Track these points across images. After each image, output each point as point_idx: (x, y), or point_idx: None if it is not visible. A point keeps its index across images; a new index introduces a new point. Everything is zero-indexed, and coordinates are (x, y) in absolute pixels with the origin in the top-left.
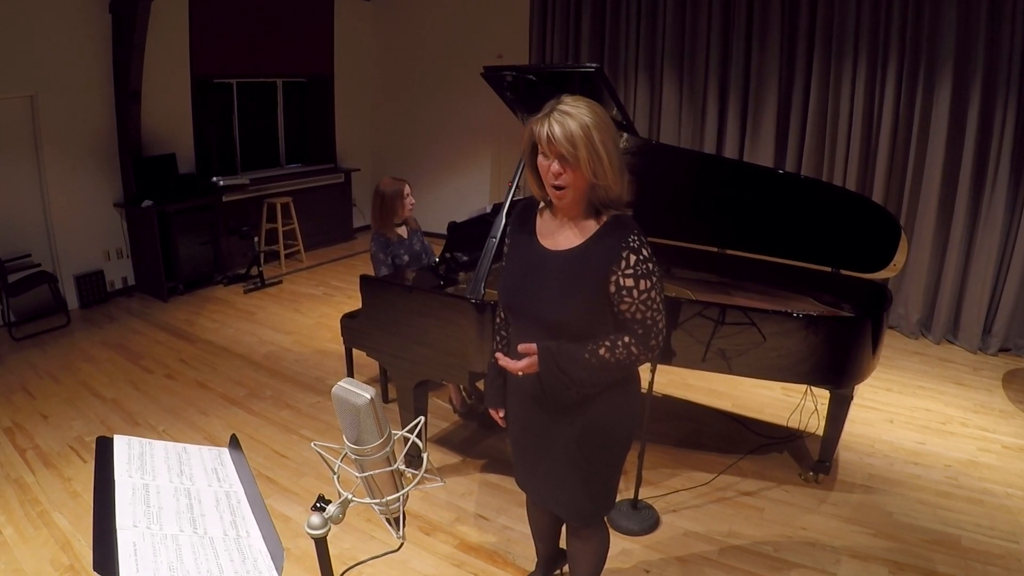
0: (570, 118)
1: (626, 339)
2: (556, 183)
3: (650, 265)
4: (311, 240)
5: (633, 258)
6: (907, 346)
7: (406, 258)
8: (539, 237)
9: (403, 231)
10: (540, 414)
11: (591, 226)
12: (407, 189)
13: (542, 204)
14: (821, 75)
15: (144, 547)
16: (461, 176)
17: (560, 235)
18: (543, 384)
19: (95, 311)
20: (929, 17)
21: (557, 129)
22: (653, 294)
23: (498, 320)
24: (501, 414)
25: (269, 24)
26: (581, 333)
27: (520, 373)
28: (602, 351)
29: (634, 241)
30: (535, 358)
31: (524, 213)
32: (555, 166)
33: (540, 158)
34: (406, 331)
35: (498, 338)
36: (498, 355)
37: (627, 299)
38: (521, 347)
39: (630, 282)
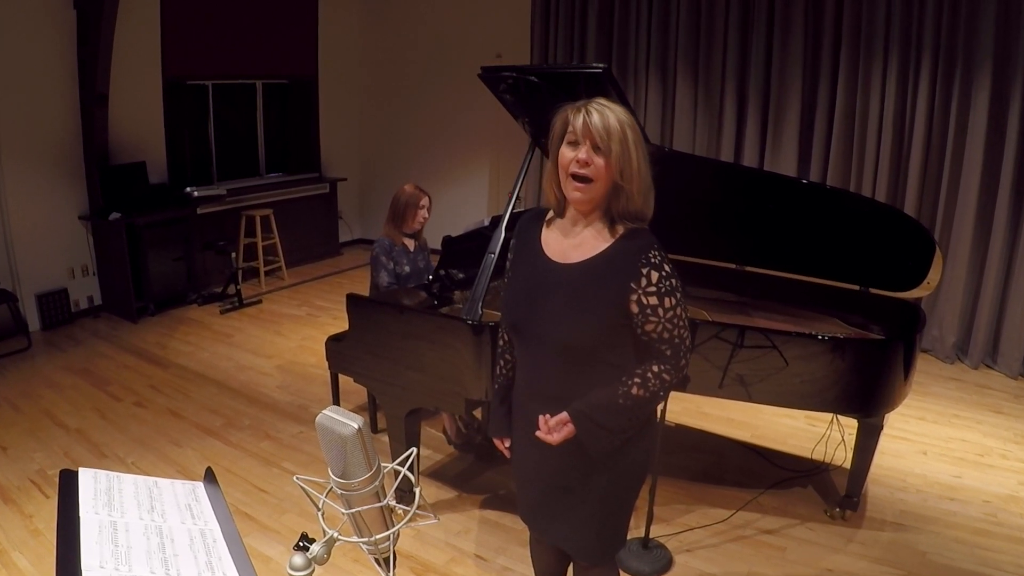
0: (609, 111)
1: (655, 368)
2: (581, 172)
3: (673, 281)
4: (293, 256)
5: (655, 275)
6: (942, 371)
7: (407, 268)
8: (546, 250)
9: (410, 243)
10: (547, 444)
11: (605, 238)
12: (424, 201)
13: (550, 214)
14: (848, 76)
15: None
16: (457, 186)
17: (570, 247)
18: (587, 448)
19: (58, 333)
20: (966, 14)
21: (596, 117)
22: (679, 311)
23: (501, 343)
24: (507, 444)
25: (248, 20)
26: (592, 356)
27: (557, 443)
28: (634, 390)
29: (654, 256)
30: (571, 426)
31: (529, 224)
32: (583, 154)
33: (565, 148)
34: (397, 355)
35: (501, 362)
36: (537, 434)
37: (652, 318)
38: (552, 420)
39: (654, 300)
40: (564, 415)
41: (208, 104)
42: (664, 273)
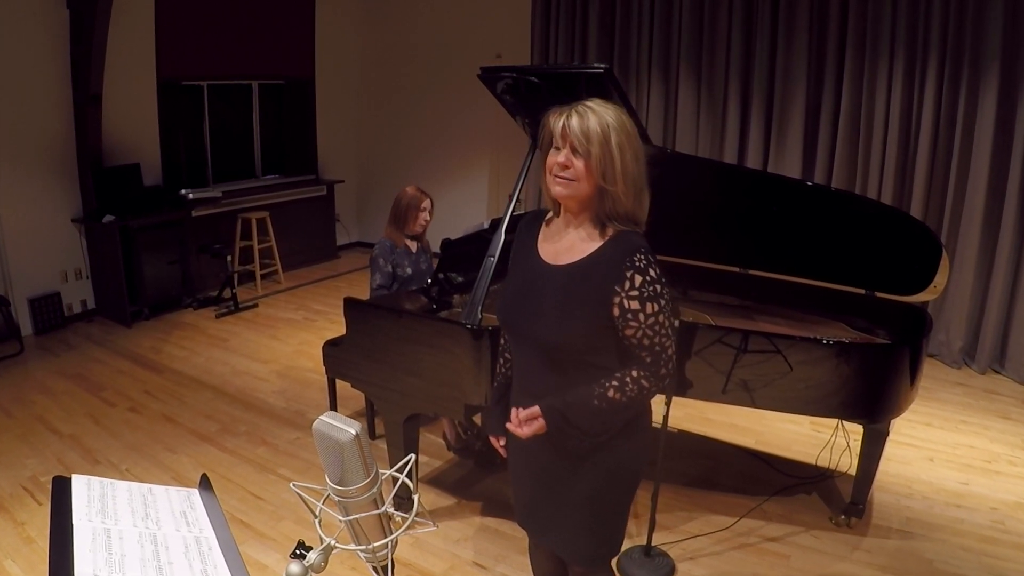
0: (592, 113)
1: (634, 374)
2: (561, 175)
3: (658, 287)
4: (290, 259)
5: (639, 279)
6: (949, 376)
7: (408, 271)
8: (540, 251)
9: (413, 245)
10: (542, 447)
11: (595, 240)
12: (426, 203)
13: (550, 214)
14: (854, 77)
15: None
16: (456, 188)
17: (562, 249)
18: (554, 443)
19: (51, 337)
20: (973, 13)
21: (575, 120)
22: (661, 318)
23: (502, 341)
24: (502, 443)
25: (244, 20)
26: (579, 358)
27: (526, 437)
28: (611, 392)
29: (640, 260)
30: (541, 421)
31: (529, 225)
32: (562, 157)
33: (551, 152)
34: (395, 360)
35: (501, 360)
36: (507, 425)
37: (632, 323)
38: (523, 413)
39: (635, 304)
40: (535, 409)
41: (203, 105)
42: (648, 278)
